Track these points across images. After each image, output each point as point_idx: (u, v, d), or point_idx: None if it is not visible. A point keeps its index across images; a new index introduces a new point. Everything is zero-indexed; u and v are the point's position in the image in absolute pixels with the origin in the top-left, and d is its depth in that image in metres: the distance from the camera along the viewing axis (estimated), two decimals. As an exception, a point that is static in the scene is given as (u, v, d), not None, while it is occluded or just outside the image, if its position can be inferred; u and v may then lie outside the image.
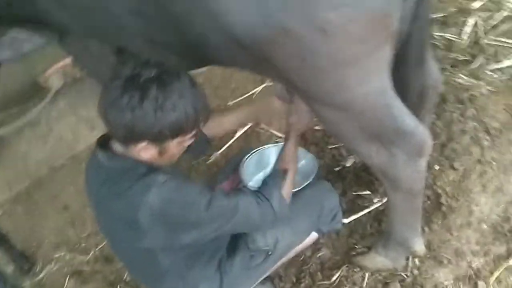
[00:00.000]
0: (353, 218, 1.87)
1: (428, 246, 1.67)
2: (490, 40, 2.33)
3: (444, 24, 2.55)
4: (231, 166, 1.80)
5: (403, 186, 1.28)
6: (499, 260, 1.62)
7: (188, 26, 1.02)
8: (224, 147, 2.35)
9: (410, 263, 1.66)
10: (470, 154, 1.88)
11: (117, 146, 1.19)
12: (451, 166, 1.86)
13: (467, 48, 2.36)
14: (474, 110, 2.04)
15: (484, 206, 1.75)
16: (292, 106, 1.42)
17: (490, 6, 2.55)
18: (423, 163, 1.23)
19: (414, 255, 1.65)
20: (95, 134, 1.88)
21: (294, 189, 1.48)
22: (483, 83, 2.14)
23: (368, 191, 1.93)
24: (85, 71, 2.17)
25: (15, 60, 1.46)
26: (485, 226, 1.71)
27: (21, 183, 2.79)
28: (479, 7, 2.56)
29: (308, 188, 1.57)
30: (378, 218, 1.84)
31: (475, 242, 1.68)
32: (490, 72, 2.19)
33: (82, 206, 2.47)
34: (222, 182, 1.75)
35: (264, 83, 2.64)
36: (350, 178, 2.01)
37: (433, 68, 1.30)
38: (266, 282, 1.73)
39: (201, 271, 1.36)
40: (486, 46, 2.31)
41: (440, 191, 1.80)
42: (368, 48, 0.92)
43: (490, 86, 2.12)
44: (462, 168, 1.85)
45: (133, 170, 1.14)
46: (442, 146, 1.94)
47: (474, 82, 2.16)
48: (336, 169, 2.07)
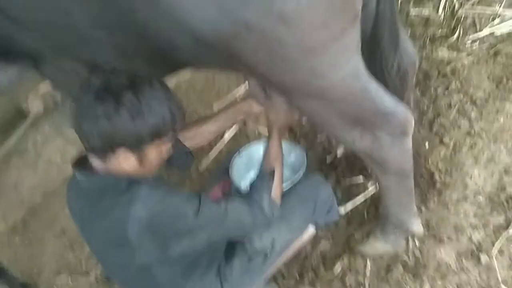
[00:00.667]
0: (349, 207, 1.85)
1: (426, 225, 1.66)
2: (466, 10, 2.33)
3: (419, 1, 2.55)
4: (221, 170, 1.77)
5: (392, 168, 1.26)
6: (499, 230, 1.61)
7: (153, 32, 1.00)
8: (214, 151, 2.32)
9: (411, 245, 1.65)
10: (459, 127, 1.88)
11: (95, 162, 1.15)
12: (441, 142, 1.85)
13: (445, 22, 2.35)
14: (458, 83, 2.04)
15: (478, 178, 1.74)
16: (269, 102, 1.40)
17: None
18: (408, 142, 1.21)
19: (413, 236, 1.63)
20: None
21: (285, 185, 1.46)
22: (464, 55, 2.15)
23: (361, 178, 1.91)
24: (63, 92, 2.15)
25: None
26: (481, 198, 1.69)
27: (16, 213, 2.75)
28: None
29: (300, 182, 1.54)
30: (374, 203, 1.82)
31: (473, 215, 1.67)
32: (469, 42, 2.19)
33: (79, 228, 2.44)
34: (212, 187, 1.72)
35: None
36: (342, 167, 2.00)
37: (407, 46, 1.28)
38: (270, 283, 1.71)
39: (200, 281, 1.33)
40: (462, 17, 2.30)
41: (433, 168, 1.79)
42: (333, 33, 0.90)
43: (471, 56, 2.12)
44: (452, 142, 1.84)
45: (114, 186, 1.11)
46: (430, 123, 1.93)
47: (455, 54, 2.16)
48: (327, 159, 2.05)
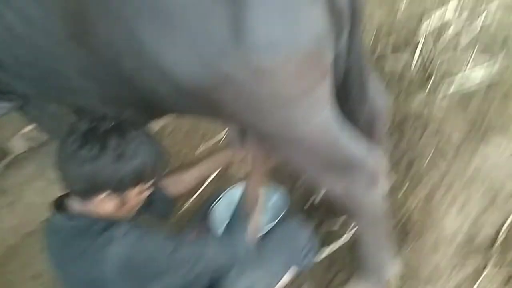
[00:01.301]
0: (329, 251, 1.86)
1: (406, 266, 1.68)
2: (440, 59, 2.46)
3: (395, 49, 2.70)
4: (200, 214, 1.79)
5: (366, 213, 1.30)
6: (477, 271, 1.64)
7: (138, 82, 1.06)
8: (193, 195, 2.33)
9: (393, 286, 1.66)
10: (435, 170, 1.94)
11: (74, 204, 1.17)
12: (418, 185, 1.91)
13: (419, 69, 2.48)
14: (432, 128, 2.12)
15: (455, 220, 1.79)
16: (248, 148, 1.45)
17: (436, 29, 2.72)
18: (381, 188, 1.26)
19: (393, 278, 1.65)
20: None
21: (265, 228, 1.48)
22: (438, 101, 2.25)
23: (341, 222, 1.94)
24: (48, 135, 2.17)
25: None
26: (459, 239, 1.74)
27: (-7, 255, 2.68)
28: (426, 31, 2.72)
29: (278, 226, 1.56)
30: (354, 247, 1.84)
31: (452, 257, 1.70)
32: (443, 89, 2.30)
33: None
34: (191, 231, 1.72)
35: (231, 127, 2.68)
36: (322, 211, 2.02)
37: (379, 95, 1.36)
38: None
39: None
40: (436, 66, 2.43)
41: (410, 211, 1.84)
42: (306, 85, 0.96)
43: (445, 102, 2.22)
44: (428, 185, 1.89)
45: (91, 227, 1.12)
46: (406, 169, 1.99)
47: (430, 100, 2.26)
48: (307, 203, 2.08)
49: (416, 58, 2.54)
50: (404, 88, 2.39)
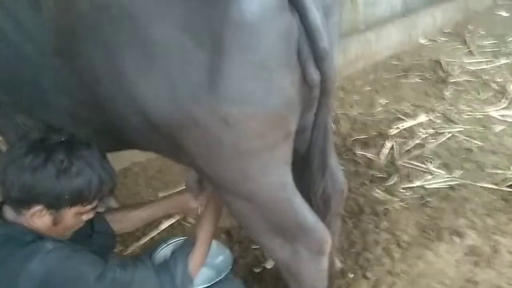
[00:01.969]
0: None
1: None
2: (404, 162, 2.62)
3: (365, 144, 2.86)
4: (145, 256, 1.71)
5: (306, 284, 1.28)
6: None
7: (111, 107, 1.09)
8: (146, 237, 2.25)
9: None
10: (382, 265, 1.95)
11: (8, 213, 1.12)
12: (364, 275, 1.90)
13: (384, 167, 2.62)
14: (387, 223, 2.18)
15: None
16: (203, 196, 1.46)
17: (405, 133, 2.94)
18: (325, 261, 1.26)
19: None
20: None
21: (206, 285, 1.43)
22: (397, 199, 2.34)
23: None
24: (7, 146, 2.12)
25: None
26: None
27: None
28: (396, 133, 2.94)
29: (220, 283, 1.52)
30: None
31: None
32: (403, 190, 2.41)
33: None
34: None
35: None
36: (269, 280, 1.98)
37: (337, 175, 1.41)
38: None
39: None
40: (400, 167, 2.58)
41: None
42: (267, 143, 1.01)
43: (403, 202, 2.31)
44: (374, 278, 1.89)
45: (19, 238, 1.07)
46: (357, 255, 2.00)
47: (389, 197, 2.35)
48: (256, 270, 2.04)
49: (382, 157, 2.69)
50: (365, 181, 2.50)
